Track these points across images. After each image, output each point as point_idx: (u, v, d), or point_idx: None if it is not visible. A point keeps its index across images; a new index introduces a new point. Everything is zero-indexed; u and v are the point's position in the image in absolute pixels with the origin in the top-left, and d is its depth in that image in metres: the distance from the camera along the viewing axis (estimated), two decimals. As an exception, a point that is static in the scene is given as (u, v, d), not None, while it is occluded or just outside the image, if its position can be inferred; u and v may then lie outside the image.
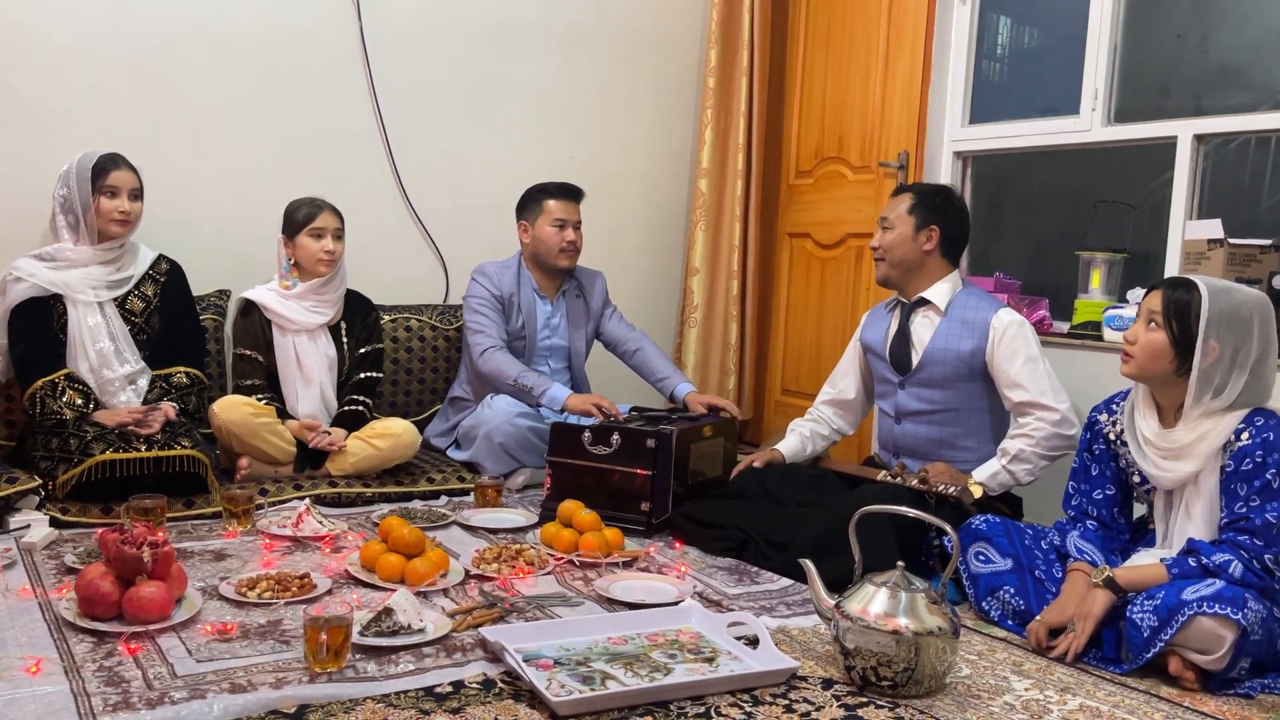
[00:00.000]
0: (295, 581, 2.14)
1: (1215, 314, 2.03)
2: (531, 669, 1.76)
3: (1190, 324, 2.04)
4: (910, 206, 2.75)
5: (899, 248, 2.75)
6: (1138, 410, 2.17)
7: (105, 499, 2.63)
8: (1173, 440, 2.09)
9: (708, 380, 4.12)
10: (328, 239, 3.10)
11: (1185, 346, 2.05)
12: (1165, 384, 2.11)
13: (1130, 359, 2.12)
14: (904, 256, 2.75)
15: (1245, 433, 2.02)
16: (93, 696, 1.63)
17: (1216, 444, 2.04)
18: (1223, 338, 2.03)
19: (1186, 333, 2.04)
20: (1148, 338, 2.09)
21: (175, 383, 2.93)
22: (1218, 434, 2.04)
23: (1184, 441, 2.07)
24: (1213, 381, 2.04)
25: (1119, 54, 3.20)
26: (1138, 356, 2.10)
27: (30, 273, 2.81)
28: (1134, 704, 1.84)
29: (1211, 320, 2.02)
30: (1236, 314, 2.03)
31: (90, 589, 1.90)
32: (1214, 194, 3.01)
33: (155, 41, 3.27)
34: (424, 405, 3.64)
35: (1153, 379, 2.12)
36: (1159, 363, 2.08)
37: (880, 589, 1.85)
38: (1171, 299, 2.07)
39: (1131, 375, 2.15)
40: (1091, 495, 2.28)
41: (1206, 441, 2.04)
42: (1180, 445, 2.07)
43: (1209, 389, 2.04)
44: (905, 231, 2.74)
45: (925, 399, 2.76)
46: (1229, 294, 2.06)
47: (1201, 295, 2.04)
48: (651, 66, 4.16)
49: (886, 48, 3.66)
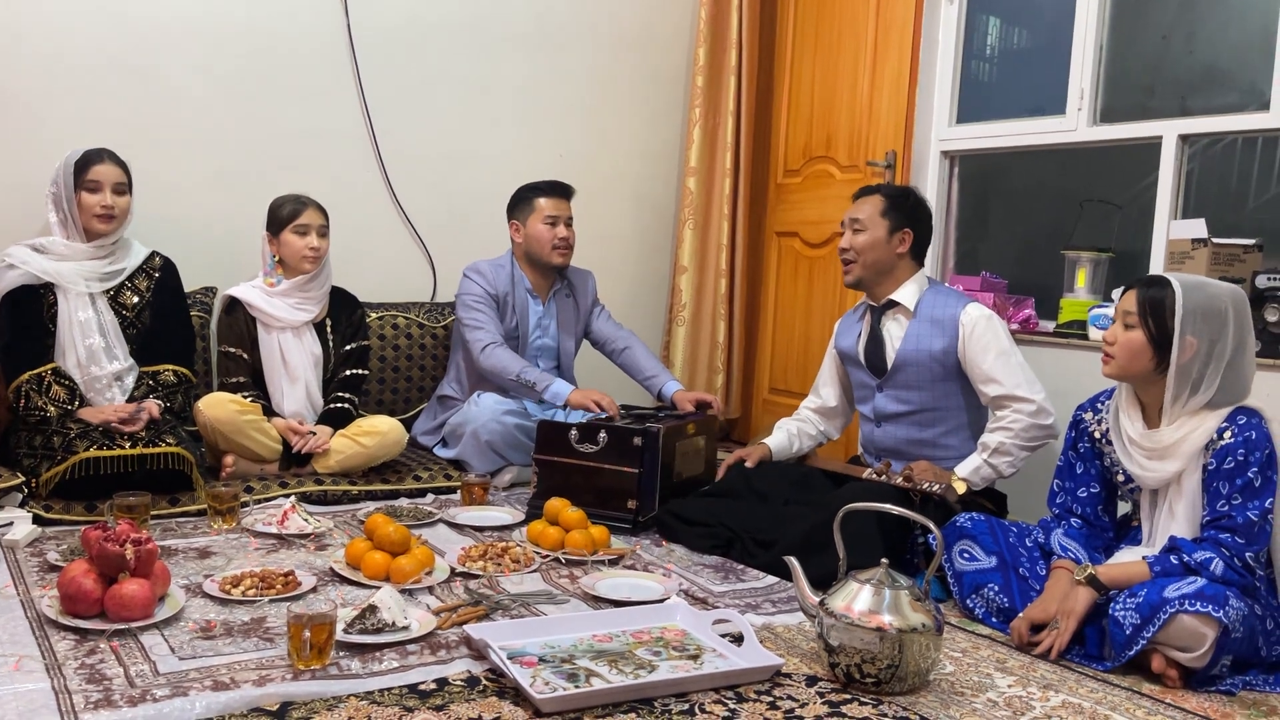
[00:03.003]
0: (279, 579, 2.14)
1: (1190, 309, 2.04)
2: (516, 666, 1.76)
3: (1166, 320, 2.05)
4: (883, 210, 2.74)
5: (872, 250, 2.74)
6: (1122, 410, 2.18)
7: (89, 496, 2.62)
8: (1157, 440, 2.10)
9: (696, 379, 4.12)
10: (312, 236, 3.09)
11: (1163, 344, 2.06)
12: (1147, 383, 2.12)
13: (1110, 360, 2.13)
14: (877, 259, 2.75)
15: (1228, 431, 2.03)
16: (74, 694, 1.62)
17: (1200, 443, 2.05)
18: (1199, 332, 2.04)
19: (1163, 330, 2.05)
20: (1126, 337, 2.10)
21: (162, 380, 2.91)
22: (1201, 433, 2.05)
23: (1168, 441, 2.08)
24: (1190, 377, 2.05)
25: (1105, 54, 3.21)
26: (1118, 357, 2.11)
27: (23, 260, 2.79)
28: (1116, 700, 1.85)
29: (1187, 315, 2.03)
30: (1211, 307, 2.04)
31: (72, 586, 1.89)
32: (1199, 194, 3.02)
33: (144, 39, 3.25)
34: (411, 403, 3.64)
35: (1134, 378, 2.13)
36: (1139, 362, 2.09)
37: (865, 586, 1.85)
38: (1146, 297, 2.08)
39: (1113, 376, 2.16)
40: (1076, 493, 2.29)
41: (1190, 441, 2.05)
42: (1164, 445, 2.08)
43: (1187, 385, 2.05)
44: (879, 235, 2.74)
45: (903, 400, 2.77)
46: (1203, 289, 2.07)
47: (1175, 291, 2.05)
48: (640, 65, 4.16)
49: (874, 47, 3.67)
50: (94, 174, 2.82)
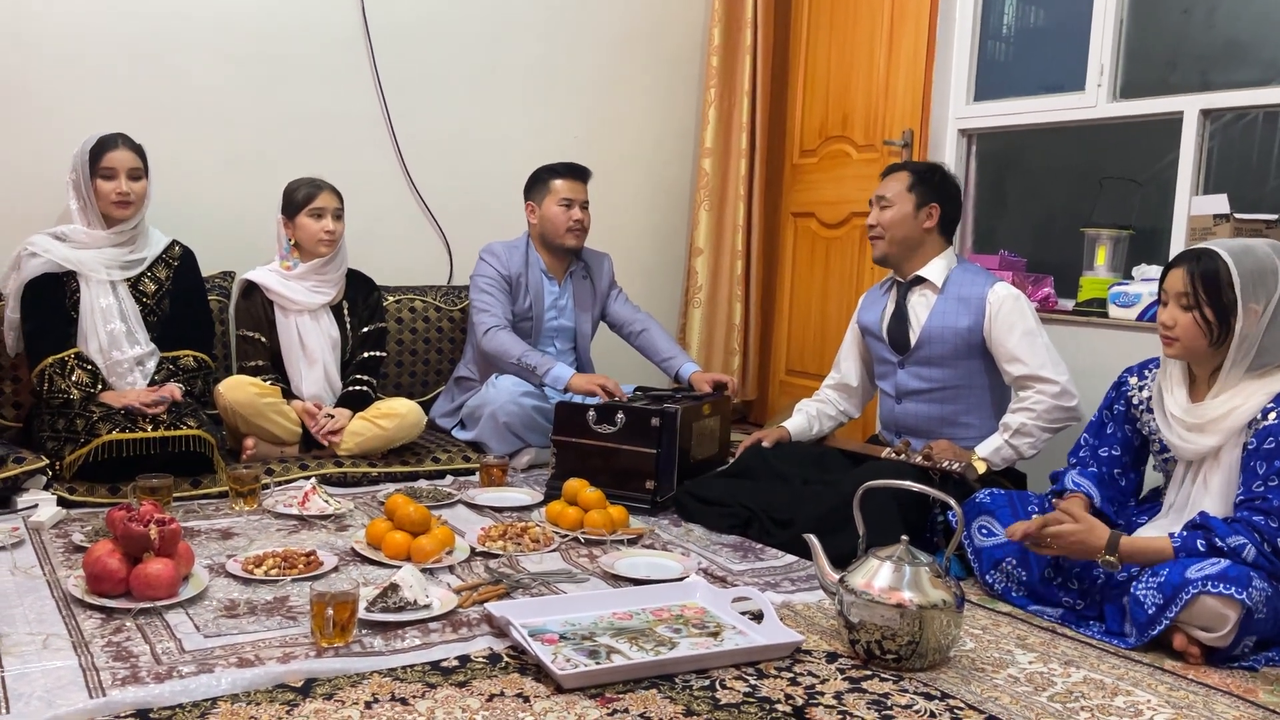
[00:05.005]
0: (302, 559, 2.15)
1: (1246, 276, 2.01)
2: (537, 643, 1.77)
3: (1223, 293, 2.02)
4: (910, 184, 2.74)
5: (899, 226, 2.74)
6: (1166, 383, 2.16)
7: (112, 479, 2.64)
8: (1199, 414, 2.08)
9: (712, 360, 4.12)
10: (327, 219, 3.10)
11: (1224, 317, 2.03)
12: (1206, 356, 2.09)
13: (1174, 341, 2.08)
14: (905, 234, 2.74)
15: (1273, 412, 1.99)
16: (101, 671, 1.64)
17: (1243, 419, 2.02)
18: (1259, 297, 2.01)
19: (1222, 303, 2.02)
20: (1186, 318, 2.06)
21: (182, 365, 2.94)
22: (1245, 410, 2.02)
23: (1211, 415, 2.06)
24: (1253, 342, 2.02)
25: (1125, 29, 3.18)
26: (1182, 338, 2.07)
27: (45, 248, 2.82)
28: (1138, 676, 1.84)
29: (1245, 283, 2.00)
30: (1262, 268, 2.02)
31: (98, 566, 1.91)
32: (1221, 169, 2.99)
33: (158, 24, 3.26)
34: (429, 386, 3.65)
35: (1198, 356, 2.10)
36: (1203, 340, 2.06)
37: (885, 563, 1.85)
38: (1199, 272, 2.04)
39: (1178, 357, 2.12)
40: (1098, 451, 2.30)
41: (1233, 417, 2.03)
42: (1207, 420, 2.06)
43: (1248, 352, 2.03)
44: (906, 210, 2.73)
45: (925, 378, 2.76)
46: (1250, 252, 2.04)
47: (1227, 262, 2.02)
48: (654, 45, 4.14)
49: (891, 25, 3.64)
50: (109, 160, 2.83)
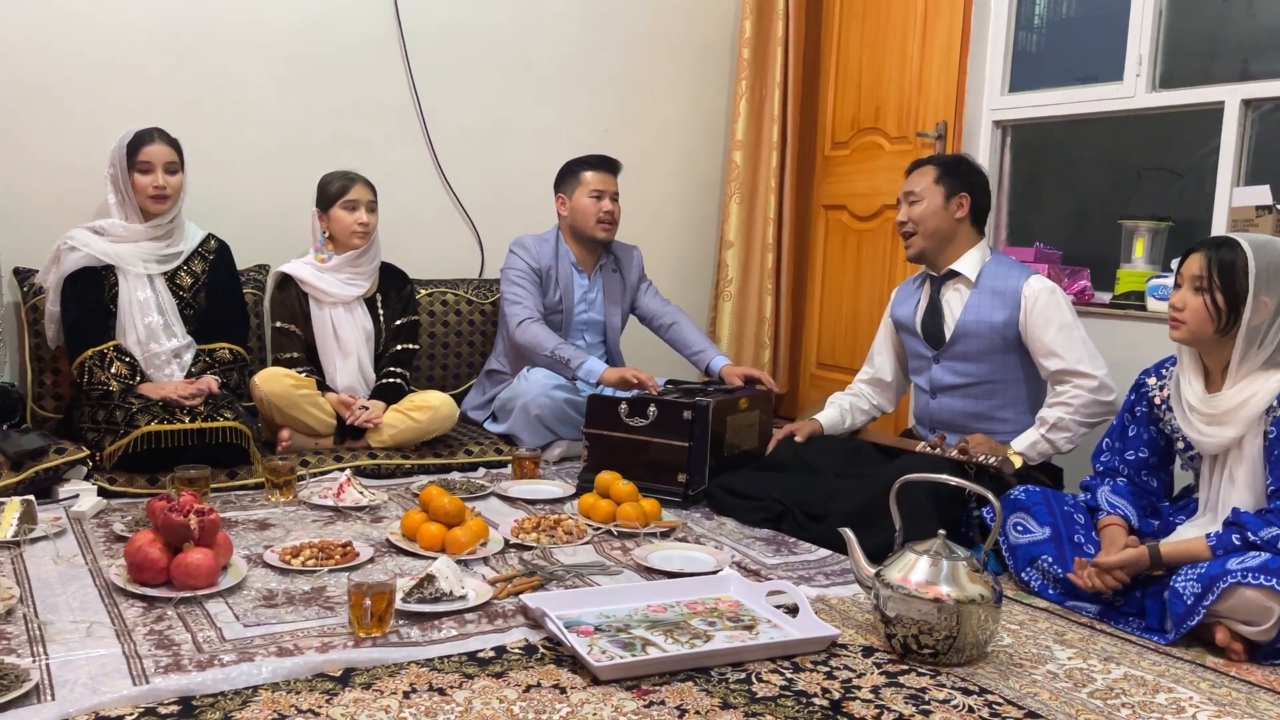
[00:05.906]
0: (338, 549, 2.17)
1: (1262, 269, 2.00)
2: (573, 635, 1.77)
3: (1237, 282, 2.02)
4: (936, 177, 2.72)
5: (931, 219, 2.71)
6: (1183, 375, 2.15)
7: (151, 470, 2.68)
8: (1216, 405, 2.07)
9: (742, 354, 4.10)
10: (361, 211, 3.11)
11: (1234, 305, 2.02)
12: (1214, 345, 2.08)
13: (1181, 324, 2.09)
14: (937, 227, 2.72)
15: None
16: (144, 658, 1.66)
17: (1260, 408, 2.01)
18: (1273, 291, 2.01)
19: (1234, 292, 2.02)
20: (1195, 302, 2.06)
21: (219, 358, 2.97)
22: (1261, 397, 2.01)
23: (1228, 405, 2.05)
24: (1260, 337, 2.02)
25: (1164, 18, 3.13)
26: (1189, 322, 2.08)
27: (84, 243, 2.85)
28: (1180, 673, 1.82)
29: (1260, 275, 2.00)
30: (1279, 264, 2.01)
31: (139, 555, 1.94)
32: (1262, 160, 2.94)
33: (194, 19, 3.29)
34: (461, 379, 3.67)
35: (1203, 342, 2.10)
36: (1209, 326, 2.06)
37: (921, 557, 1.84)
38: (1215, 259, 2.04)
39: (1183, 340, 2.12)
40: (1123, 455, 2.29)
41: (1250, 406, 2.02)
42: (1223, 410, 2.06)
43: (1255, 344, 2.02)
44: (936, 202, 2.70)
45: (960, 372, 2.74)
46: (1271, 246, 2.04)
47: (1246, 252, 2.01)
48: (685, 37, 4.13)
49: (924, 16, 3.60)
50: (145, 155, 2.86)
